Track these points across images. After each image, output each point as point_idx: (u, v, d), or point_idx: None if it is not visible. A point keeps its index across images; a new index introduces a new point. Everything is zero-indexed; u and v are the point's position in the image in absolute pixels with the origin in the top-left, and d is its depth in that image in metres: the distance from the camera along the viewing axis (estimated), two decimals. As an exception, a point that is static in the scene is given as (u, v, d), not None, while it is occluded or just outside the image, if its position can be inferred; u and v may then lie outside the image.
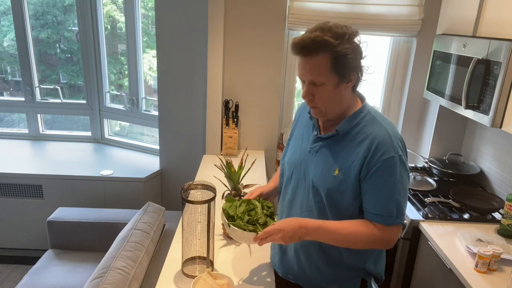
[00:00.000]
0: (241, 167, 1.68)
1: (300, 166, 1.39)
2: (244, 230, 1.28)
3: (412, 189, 2.29)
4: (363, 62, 1.27)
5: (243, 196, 1.70)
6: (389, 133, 1.25)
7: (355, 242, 1.28)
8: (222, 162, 1.66)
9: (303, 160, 1.38)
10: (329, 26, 1.20)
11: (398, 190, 1.24)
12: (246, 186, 1.71)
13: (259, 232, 1.25)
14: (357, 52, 1.23)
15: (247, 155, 1.88)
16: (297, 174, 1.40)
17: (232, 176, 1.66)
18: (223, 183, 1.71)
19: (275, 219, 1.36)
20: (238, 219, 1.31)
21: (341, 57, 1.19)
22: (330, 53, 1.18)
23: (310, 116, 1.41)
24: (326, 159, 1.32)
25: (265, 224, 1.31)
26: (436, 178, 2.47)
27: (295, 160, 1.41)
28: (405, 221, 2.03)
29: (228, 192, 1.70)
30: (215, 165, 1.77)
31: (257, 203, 1.37)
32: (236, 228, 1.28)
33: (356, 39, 1.22)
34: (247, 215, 1.32)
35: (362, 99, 1.35)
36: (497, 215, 2.06)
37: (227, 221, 1.32)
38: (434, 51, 2.34)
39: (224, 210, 1.36)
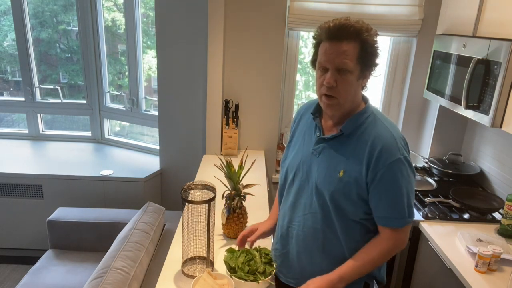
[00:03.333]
0: (241, 167, 1.68)
1: (302, 168, 1.38)
2: (246, 280, 1.36)
3: (412, 189, 2.29)
4: (377, 61, 1.29)
5: (243, 196, 1.71)
6: (393, 134, 1.26)
7: (376, 263, 1.30)
8: (222, 162, 1.66)
9: (305, 162, 1.37)
10: (357, 20, 1.23)
11: (407, 190, 1.26)
12: (246, 186, 1.71)
13: (259, 280, 1.34)
14: (378, 50, 1.26)
15: (247, 155, 1.88)
16: (299, 176, 1.39)
17: (232, 176, 1.66)
18: (223, 183, 1.70)
19: (274, 266, 1.44)
20: (239, 270, 1.39)
21: (368, 49, 1.22)
22: (360, 42, 1.21)
23: (314, 116, 1.40)
24: (330, 160, 1.31)
25: (264, 272, 1.39)
26: (436, 178, 2.47)
27: (297, 163, 1.40)
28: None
29: (228, 192, 1.70)
30: (215, 165, 1.77)
31: (255, 252, 1.46)
32: (238, 279, 1.36)
33: (377, 38, 1.26)
34: (247, 265, 1.40)
35: (365, 100, 1.36)
36: (497, 215, 2.06)
37: (229, 272, 1.40)
38: (434, 51, 2.34)
39: (225, 262, 1.43)
